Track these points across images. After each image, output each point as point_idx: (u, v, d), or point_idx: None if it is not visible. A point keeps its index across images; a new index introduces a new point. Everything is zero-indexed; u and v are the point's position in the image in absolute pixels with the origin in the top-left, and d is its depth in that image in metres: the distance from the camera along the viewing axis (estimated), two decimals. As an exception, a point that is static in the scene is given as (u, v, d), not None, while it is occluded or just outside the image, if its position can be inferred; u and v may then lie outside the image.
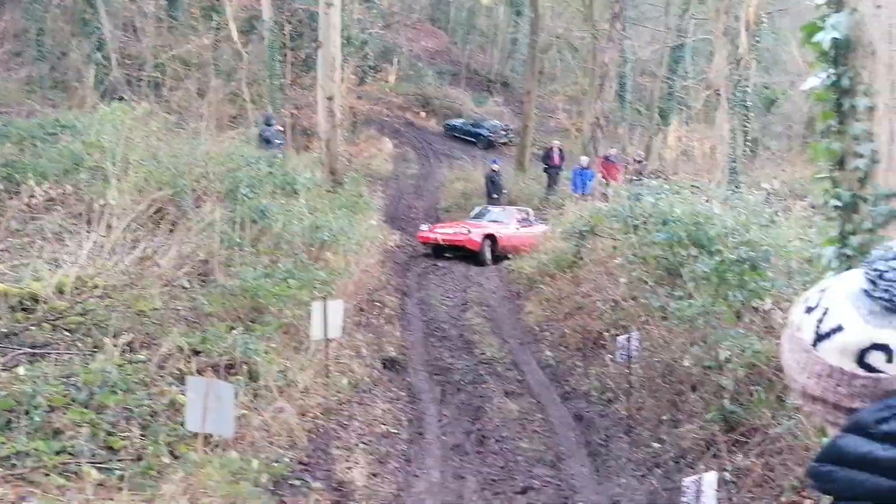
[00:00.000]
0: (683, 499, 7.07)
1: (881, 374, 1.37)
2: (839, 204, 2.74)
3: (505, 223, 20.34)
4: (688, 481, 7.07)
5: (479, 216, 21.17)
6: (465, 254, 19.33)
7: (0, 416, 6.61)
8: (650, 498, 8.37)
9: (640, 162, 22.88)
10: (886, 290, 1.37)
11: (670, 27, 31.05)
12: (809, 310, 1.46)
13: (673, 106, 31.21)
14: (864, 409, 1.39)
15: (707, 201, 13.89)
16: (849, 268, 2.67)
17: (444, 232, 19.52)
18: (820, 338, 1.42)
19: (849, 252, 2.70)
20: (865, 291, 1.40)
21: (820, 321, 1.43)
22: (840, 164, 2.74)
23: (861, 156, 2.63)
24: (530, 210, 21.94)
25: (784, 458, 7.71)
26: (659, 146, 28.57)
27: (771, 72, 34.46)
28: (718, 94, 23.99)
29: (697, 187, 16.02)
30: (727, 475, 8.18)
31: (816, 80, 2.87)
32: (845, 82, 2.71)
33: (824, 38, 2.72)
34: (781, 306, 9.51)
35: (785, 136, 38.02)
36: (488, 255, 19.44)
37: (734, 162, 19.98)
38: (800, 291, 2.65)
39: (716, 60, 25.43)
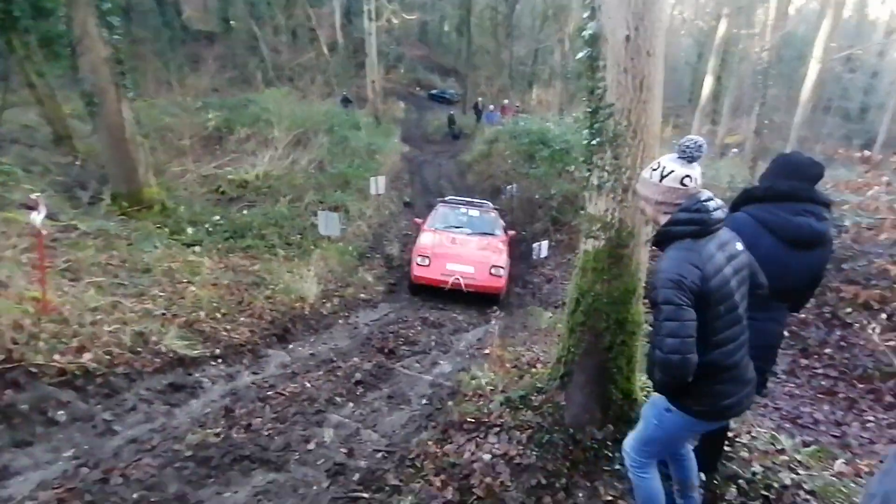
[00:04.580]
0: (533, 252, 7.41)
1: (689, 188, 1.53)
2: (590, 111, 2.73)
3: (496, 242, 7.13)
4: (535, 245, 7.38)
5: (459, 224, 7.59)
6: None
7: (238, 230, 6.72)
8: (521, 252, 8.75)
9: (517, 107, 21.83)
10: (685, 152, 1.51)
11: (535, 38, 28.70)
12: (653, 169, 1.56)
13: (535, 78, 29.47)
14: (684, 202, 1.52)
15: (547, 123, 13.53)
16: (592, 142, 2.71)
17: (464, 271, 6.39)
18: (662, 178, 1.54)
19: (593, 132, 2.72)
20: (677, 155, 1.54)
21: (660, 170, 1.55)
22: (591, 92, 2.71)
23: (599, 88, 2.61)
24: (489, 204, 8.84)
25: (578, 235, 8.05)
26: (528, 99, 27.21)
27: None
28: (556, 72, 22.64)
29: (543, 118, 15.49)
30: (554, 243, 8.53)
31: (582, 53, 2.78)
32: (594, 54, 2.64)
33: (586, 33, 2.62)
34: (577, 169, 9.44)
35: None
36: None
37: (562, 104, 19.15)
38: (590, 161, 2.64)
39: (555, 54, 23.75)
